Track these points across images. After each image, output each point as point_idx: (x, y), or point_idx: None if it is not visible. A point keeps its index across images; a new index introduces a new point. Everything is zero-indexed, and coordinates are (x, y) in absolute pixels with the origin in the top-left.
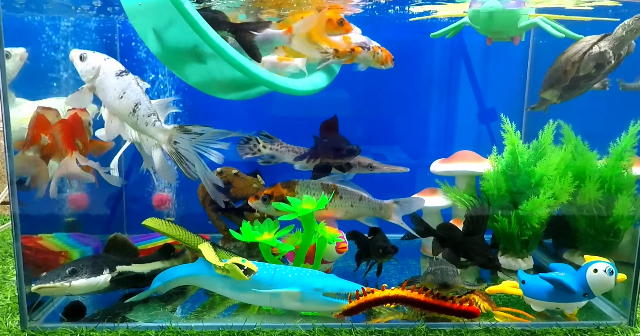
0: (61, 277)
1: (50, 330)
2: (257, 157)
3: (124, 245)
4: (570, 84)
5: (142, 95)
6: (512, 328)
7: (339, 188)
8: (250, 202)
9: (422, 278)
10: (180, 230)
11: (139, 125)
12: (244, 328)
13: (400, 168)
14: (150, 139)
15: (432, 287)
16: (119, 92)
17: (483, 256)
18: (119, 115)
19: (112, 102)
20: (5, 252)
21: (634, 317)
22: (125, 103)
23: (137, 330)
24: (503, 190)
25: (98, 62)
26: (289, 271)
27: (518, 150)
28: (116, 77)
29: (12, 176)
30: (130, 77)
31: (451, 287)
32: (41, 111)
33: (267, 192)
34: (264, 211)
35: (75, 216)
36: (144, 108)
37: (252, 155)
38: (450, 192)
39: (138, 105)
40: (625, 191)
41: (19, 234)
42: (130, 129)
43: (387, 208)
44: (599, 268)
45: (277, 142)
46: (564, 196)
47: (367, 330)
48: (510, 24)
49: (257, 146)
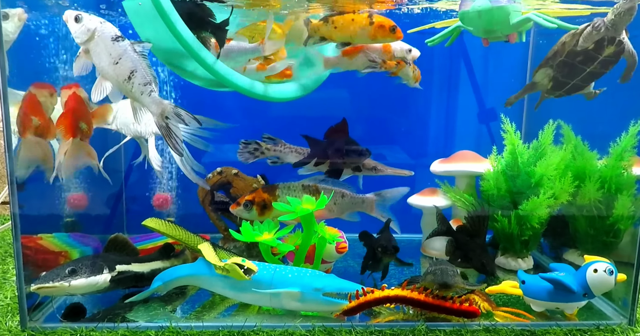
0: (61, 277)
1: (50, 330)
2: (264, 158)
3: (124, 246)
4: (566, 61)
5: (138, 63)
6: (512, 328)
7: (320, 188)
8: (232, 209)
9: (422, 278)
10: (180, 230)
11: (133, 93)
12: (244, 328)
13: (404, 172)
14: (147, 128)
15: (432, 287)
16: (115, 57)
17: (478, 261)
18: (113, 81)
19: (106, 67)
20: (5, 252)
21: (634, 317)
22: (120, 70)
23: (137, 330)
24: (503, 190)
25: (94, 24)
26: (289, 271)
27: (518, 150)
28: (112, 41)
29: (12, 176)
30: (127, 43)
31: (451, 287)
32: (33, 90)
33: (248, 198)
34: (246, 217)
35: (75, 216)
36: (139, 76)
37: (254, 159)
38: (450, 192)
39: (134, 73)
40: (625, 191)
41: (19, 234)
42: (130, 124)
43: (369, 202)
44: (599, 268)
45: (280, 143)
46: (564, 196)
47: (367, 330)
48: (501, 22)
49: (260, 149)
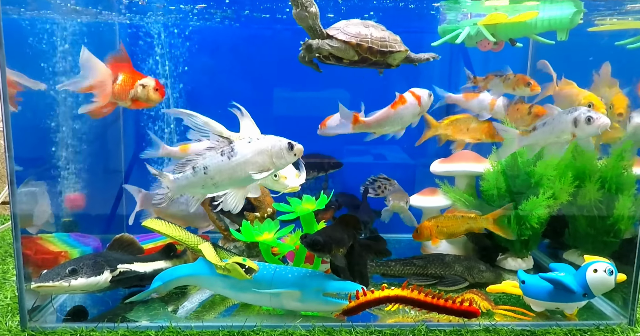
0: (61, 276)
1: (50, 329)
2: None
3: (130, 245)
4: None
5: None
6: (512, 328)
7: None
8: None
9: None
10: (180, 231)
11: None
12: (244, 328)
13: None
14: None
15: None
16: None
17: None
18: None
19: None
20: (5, 252)
21: (634, 317)
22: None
23: (137, 330)
24: (503, 190)
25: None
26: (289, 271)
27: (518, 150)
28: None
29: (12, 176)
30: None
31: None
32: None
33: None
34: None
35: (75, 216)
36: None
37: (375, 196)
38: (450, 192)
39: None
40: (625, 191)
41: (19, 234)
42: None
43: None
44: (599, 268)
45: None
46: (564, 196)
47: (367, 330)
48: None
49: (381, 188)
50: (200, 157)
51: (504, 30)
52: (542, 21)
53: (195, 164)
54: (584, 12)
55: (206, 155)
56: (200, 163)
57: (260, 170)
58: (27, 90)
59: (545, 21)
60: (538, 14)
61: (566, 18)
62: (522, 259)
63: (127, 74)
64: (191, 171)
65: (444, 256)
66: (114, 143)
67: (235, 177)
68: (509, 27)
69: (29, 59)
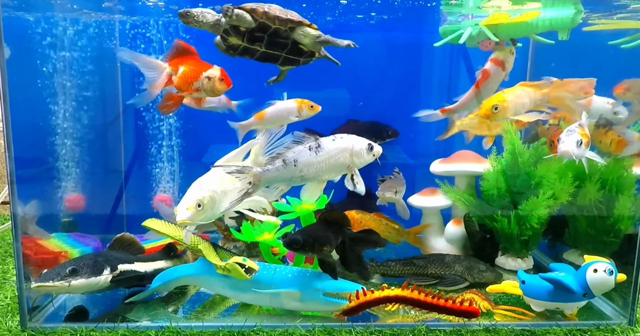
0: (61, 276)
1: (50, 329)
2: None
3: (130, 245)
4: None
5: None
6: (512, 328)
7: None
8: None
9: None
10: (180, 231)
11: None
12: (244, 328)
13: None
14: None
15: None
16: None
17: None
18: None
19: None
20: (5, 252)
21: (634, 317)
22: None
23: (137, 330)
24: (503, 190)
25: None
26: (289, 271)
27: (518, 150)
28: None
29: (12, 176)
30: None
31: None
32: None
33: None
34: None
35: (74, 216)
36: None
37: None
38: (450, 192)
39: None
40: (625, 191)
41: (19, 234)
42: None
43: None
44: (599, 268)
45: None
46: (564, 196)
47: (367, 330)
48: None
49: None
50: (289, 151)
51: (505, 30)
52: (544, 21)
53: (285, 157)
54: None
55: (295, 149)
56: (291, 156)
57: (340, 168)
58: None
59: (547, 21)
60: (540, 13)
61: (567, 18)
62: (522, 259)
63: (189, 65)
64: (282, 163)
65: (444, 256)
66: (114, 143)
67: (320, 172)
68: (510, 27)
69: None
